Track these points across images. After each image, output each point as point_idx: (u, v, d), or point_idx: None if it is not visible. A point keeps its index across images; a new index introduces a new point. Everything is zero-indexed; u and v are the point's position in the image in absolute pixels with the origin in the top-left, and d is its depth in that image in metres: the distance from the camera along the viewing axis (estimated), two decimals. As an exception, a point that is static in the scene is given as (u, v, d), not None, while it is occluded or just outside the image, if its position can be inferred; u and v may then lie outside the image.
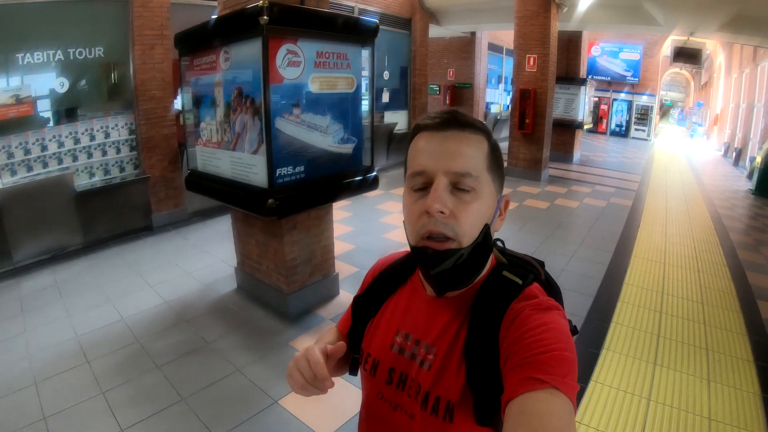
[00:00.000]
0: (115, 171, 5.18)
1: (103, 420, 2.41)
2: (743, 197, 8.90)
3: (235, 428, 2.36)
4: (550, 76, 8.78)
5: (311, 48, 2.86)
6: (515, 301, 0.72)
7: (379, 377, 0.82)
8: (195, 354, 3.03)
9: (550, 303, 0.71)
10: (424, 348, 0.77)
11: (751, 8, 7.15)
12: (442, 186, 0.69)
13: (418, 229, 0.71)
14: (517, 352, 0.64)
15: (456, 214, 0.69)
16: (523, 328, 0.66)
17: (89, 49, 4.67)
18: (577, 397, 0.61)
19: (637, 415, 2.53)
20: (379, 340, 0.85)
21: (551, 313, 0.69)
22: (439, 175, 0.70)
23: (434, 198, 0.68)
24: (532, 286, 0.75)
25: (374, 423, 0.84)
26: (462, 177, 0.70)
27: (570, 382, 0.60)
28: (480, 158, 0.72)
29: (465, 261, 0.72)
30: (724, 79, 17.57)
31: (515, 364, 0.63)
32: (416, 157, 0.74)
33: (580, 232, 5.98)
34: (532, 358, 0.62)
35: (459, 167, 0.70)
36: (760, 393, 2.75)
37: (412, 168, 0.74)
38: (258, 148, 2.82)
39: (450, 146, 0.71)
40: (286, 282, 3.39)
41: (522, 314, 0.69)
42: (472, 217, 0.70)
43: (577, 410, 0.71)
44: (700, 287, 4.30)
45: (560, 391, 0.58)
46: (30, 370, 2.82)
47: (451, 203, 0.69)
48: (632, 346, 3.22)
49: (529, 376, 0.60)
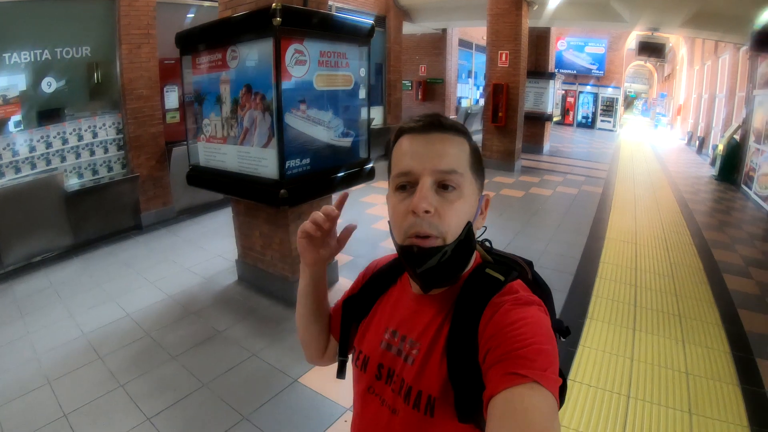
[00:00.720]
0: (103, 171, 5.18)
1: (127, 411, 2.46)
2: (707, 182, 9.46)
3: (262, 407, 2.50)
4: (522, 71, 9.10)
5: (315, 48, 3.04)
6: (496, 296, 0.73)
7: (369, 372, 0.84)
8: (208, 343, 3.14)
9: (530, 298, 0.72)
10: (409, 343, 0.79)
11: (713, 5, 7.59)
12: (427, 186, 0.71)
13: (406, 229, 0.73)
14: (497, 347, 0.65)
15: (440, 212, 0.71)
16: (503, 323, 0.67)
17: (76, 48, 4.65)
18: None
19: (623, 372, 2.83)
20: (370, 337, 0.87)
21: (531, 308, 0.70)
22: (424, 175, 0.72)
23: (420, 197, 0.70)
24: (513, 283, 0.76)
25: (365, 417, 0.86)
26: (447, 174, 0.72)
27: (551, 375, 0.61)
28: (463, 158, 0.75)
29: (449, 258, 0.73)
30: (687, 71, 18.24)
31: (495, 360, 0.64)
32: (401, 158, 0.76)
33: (556, 217, 6.32)
34: (511, 353, 0.63)
35: (445, 165, 0.72)
36: (729, 351, 3.12)
37: (397, 169, 0.76)
38: (268, 142, 2.97)
39: (434, 147, 0.74)
40: (291, 270, 3.55)
41: (501, 309, 0.70)
42: (456, 215, 0.73)
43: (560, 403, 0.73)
44: (670, 264, 4.67)
45: (541, 385, 0.59)
46: (40, 370, 2.83)
47: (436, 202, 0.71)
48: (613, 315, 3.54)
49: (509, 372, 0.60)
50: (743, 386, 2.73)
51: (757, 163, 8.03)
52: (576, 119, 20.50)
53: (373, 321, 0.88)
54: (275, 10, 2.64)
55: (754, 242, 5.66)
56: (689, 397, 2.61)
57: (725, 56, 11.95)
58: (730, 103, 11.19)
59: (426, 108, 13.95)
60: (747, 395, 2.65)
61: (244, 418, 2.41)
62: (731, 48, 10.87)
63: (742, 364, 2.97)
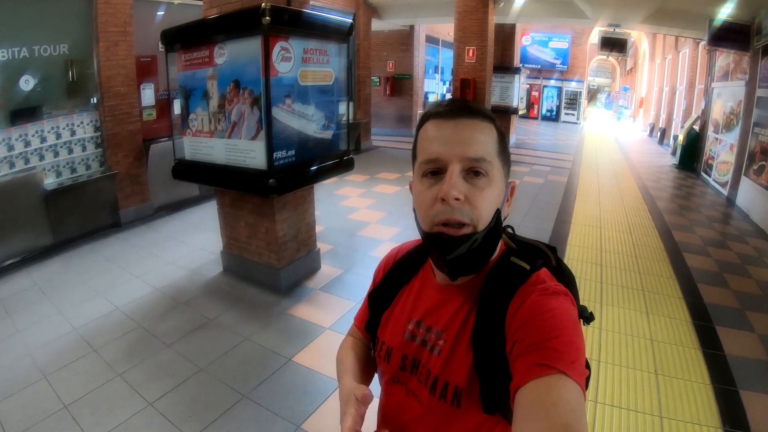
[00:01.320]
0: (81, 169, 5.15)
1: (128, 398, 2.52)
2: (668, 171, 9.98)
3: (260, 385, 2.63)
4: (488, 66, 9.41)
5: (299, 45, 3.19)
6: (522, 287, 0.72)
7: (392, 363, 0.84)
8: (201, 330, 3.24)
9: (557, 288, 0.71)
10: (434, 334, 0.79)
11: (672, 3, 8.01)
12: (456, 173, 0.70)
13: (433, 216, 0.72)
14: (525, 338, 0.64)
15: (471, 200, 0.70)
16: (530, 314, 0.67)
17: (54, 46, 4.61)
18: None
19: (592, 341, 3.09)
20: (392, 328, 0.86)
21: (558, 299, 0.69)
22: (453, 162, 0.71)
23: (450, 185, 0.69)
24: (540, 272, 0.75)
25: (390, 406, 0.85)
26: (477, 162, 0.71)
27: (578, 367, 0.61)
28: (491, 144, 0.74)
29: (479, 246, 0.72)
30: (648, 65, 18.93)
31: (523, 351, 0.63)
32: (428, 144, 0.74)
33: (524, 205, 6.59)
34: (539, 345, 0.62)
35: (474, 153, 0.71)
36: (690, 320, 3.43)
37: (424, 155, 0.74)
38: (256, 135, 3.10)
39: (463, 133, 0.72)
40: (277, 258, 3.68)
41: (529, 299, 0.69)
42: (486, 202, 0.72)
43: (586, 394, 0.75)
44: (633, 245, 5.01)
45: (569, 377, 0.59)
46: (35, 365, 2.83)
47: (466, 189, 0.70)
48: (581, 292, 3.80)
49: (537, 362, 0.60)
50: (704, 350, 3.04)
51: (716, 151, 8.54)
52: (541, 112, 21.10)
53: (395, 311, 0.88)
54: (265, 10, 2.77)
55: (713, 224, 6.09)
56: (655, 361, 2.89)
57: (685, 50, 12.49)
58: (689, 95, 11.75)
59: (393, 103, 14.18)
60: (708, 358, 2.95)
61: (244, 396, 2.54)
62: (691, 42, 11.39)
63: (702, 331, 3.28)
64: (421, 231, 0.76)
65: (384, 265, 0.97)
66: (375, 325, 0.91)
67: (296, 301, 3.63)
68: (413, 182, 0.79)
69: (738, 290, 4.02)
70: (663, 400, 2.52)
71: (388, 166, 8.93)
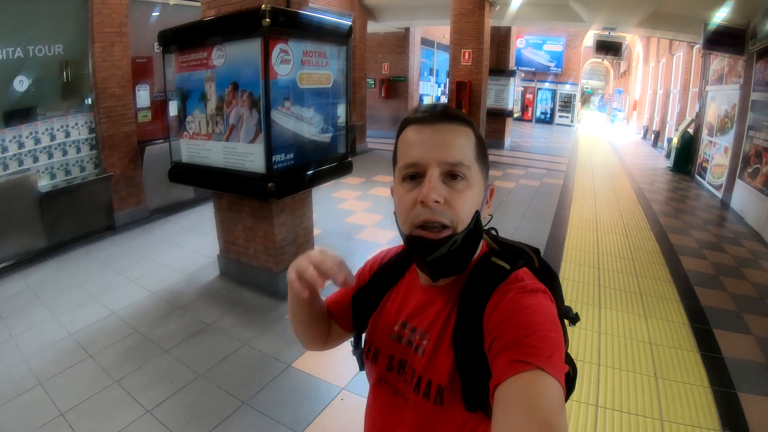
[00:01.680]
0: (75, 171, 5.09)
1: (125, 405, 2.47)
2: (662, 174, 10.04)
3: (260, 392, 2.60)
4: (484, 69, 9.42)
5: (299, 47, 3.17)
6: (501, 285, 0.73)
7: (380, 364, 0.86)
8: (199, 335, 3.20)
9: (535, 286, 0.73)
10: (419, 335, 0.80)
11: (667, 7, 8.06)
12: (435, 176, 0.72)
13: (413, 218, 0.73)
14: (503, 336, 0.65)
15: (450, 202, 0.72)
16: (508, 311, 0.68)
17: (49, 46, 4.56)
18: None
19: (593, 344, 3.10)
20: (380, 330, 0.88)
21: (536, 296, 0.70)
22: (432, 166, 0.72)
23: (430, 188, 0.71)
24: (519, 271, 0.76)
25: (378, 407, 0.88)
26: (455, 166, 0.73)
27: (556, 362, 0.61)
28: (470, 148, 0.75)
29: (459, 247, 0.74)
30: (642, 68, 19.08)
31: (501, 348, 0.64)
32: (407, 149, 0.76)
33: (520, 208, 6.61)
34: (517, 341, 0.63)
35: (452, 157, 0.73)
36: (688, 323, 3.45)
37: (404, 159, 0.76)
38: (255, 138, 3.07)
39: (442, 138, 0.74)
40: (275, 262, 3.65)
41: (507, 297, 0.70)
42: (465, 204, 0.73)
43: (571, 390, 0.81)
44: (629, 248, 5.02)
45: (547, 372, 0.59)
46: (30, 371, 2.78)
47: (445, 192, 0.72)
48: (579, 295, 3.82)
49: (515, 359, 0.61)
50: (702, 353, 3.05)
51: (710, 154, 8.60)
52: (535, 115, 21.17)
53: (383, 314, 0.89)
54: (265, 11, 2.75)
55: (708, 227, 6.13)
56: (654, 364, 2.90)
57: (679, 54, 12.59)
58: (683, 98, 11.85)
59: (389, 105, 14.20)
60: (706, 360, 2.97)
61: (244, 403, 2.51)
62: (685, 46, 11.49)
63: (700, 334, 3.30)
64: (402, 234, 0.78)
65: (370, 267, 0.98)
66: (363, 326, 0.92)
67: (295, 306, 3.59)
68: (394, 186, 0.80)
69: (734, 293, 4.04)
70: (663, 403, 2.53)
71: (384, 169, 8.89)
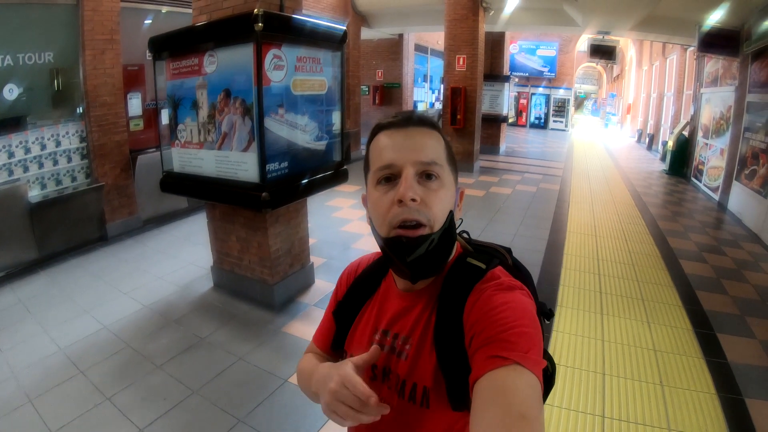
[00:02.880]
0: (66, 181, 5.01)
1: (117, 424, 2.40)
2: (658, 177, 10.04)
3: (256, 409, 2.52)
4: (479, 75, 9.36)
5: (293, 53, 3.10)
6: (478, 284, 0.75)
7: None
8: (193, 350, 3.11)
9: (512, 283, 0.75)
10: (401, 340, 0.81)
11: (661, 10, 8.05)
12: (411, 176, 0.74)
13: (390, 219, 0.74)
14: (481, 332, 0.67)
15: (426, 201, 0.74)
16: (486, 308, 0.69)
17: (39, 54, 4.49)
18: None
19: (596, 352, 3.04)
20: (360, 340, 0.88)
21: (513, 293, 0.72)
22: (407, 167, 0.74)
23: (406, 187, 0.72)
24: (495, 269, 0.78)
25: None
26: (429, 166, 0.75)
27: (533, 356, 0.63)
28: (440, 150, 0.78)
29: (436, 246, 0.75)
30: (636, 72, 19.11)
31: (480, 344, 0.66)
32: (381, 152, 0.77)
33: (518, 214, 6.56)
34: (495, 337, 0.64)
35: (426, 157, 0.75)
36: (691, 328, 3.40)
37: (378, 163, 0.77)
38: (248, 146, 3.00)
39: (414, 140, 0.76)
40: (270, 273, 3.57)
41: (484, 294, 0.72)
42: (440, 203, 0.75)
43: (551, 385, 0.82)
44: (629, 252, 4.98)
45: (523, 367, 0.60)
46: (19, 388, 2.71)
47: (421, 191, 0.74)
48: (581, 302, 3.76)
49: (492, 355, 0.62)
50: (707, 359, 3.00)
51: (706, 156, 8.60)
52: (529, 120, 21.16)
53: (361, 324, 0.90)
54: (257, 16, 2.69)
55: (706, 230, 6.10)
56: (660, 371, 2.84)
57: (673, 57, 12.63)
58: (678, 101, 11.87)
59: (383, 112, 14.16)
60: (711, 366, 2.92)
61: (240, 420, 2.43)
62: (679, 49, 11.53)
63: (704, 339, 3.25)
64: (379, 238, 0.78)
65: (346, 280, 0.98)
66: (342, 341, 0.92)
67: (291, 318, 3.52)
68: (367, 193, 0.81)
69: (736, 296, 4.00)
70: (670, 412, 2.47)
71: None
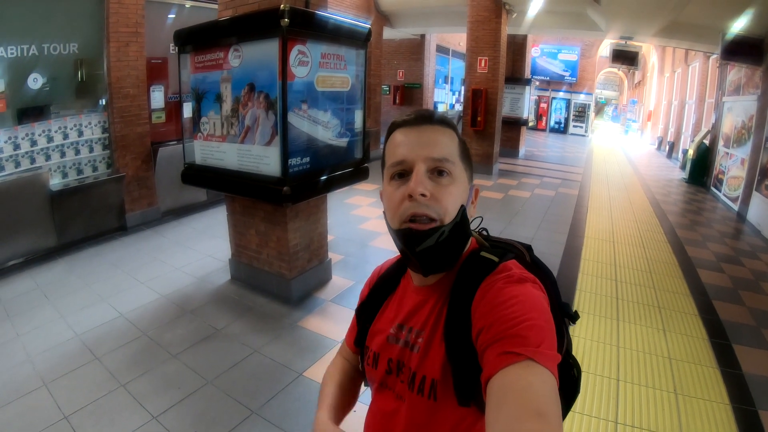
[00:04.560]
0: (88, 170, 5.08)
1: (131, 410, 2.43)
2: (677, 185, 9.91)
3: (270, 401, 2.53)
4: (500, 77, 9.32)
5: (317, 49, 3.13)
6: (489, 276, 0.75)
7: (380, 369, 0.86)
8: (209, 341, 3.14)
9: (523, 275, 0.74)
10: (414, 334, 0.82)
11: (685, 16, 7.96)
12: (422, 172, 0.76)
13: (401, 213, 0.76)
14: (491, 327, 0.66)
15: (436, 195, 0.75)
16: (495, 302, 0.69)
17: (64, 44, 4.56)
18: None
19: (611, 358, 3.01)
20: (378, 335, 0.90)
21: (524, 285, 0.71)
22: (418, 163, 0.76)
23: (416, 182, 0.75)
24: (508, 262, 0.78)
25: (379, 411, 0.88)
26: (440, 162, 0.77)
27: (545, 351, 0.61)
28: (453, 147, 0.80)
29: (446, 238, 0.76)
30: (657, 78, 18.89)
31: (490, 340, 0.65)
32: (395, 149, 0.80)
33: (536, 217, 6.52)
34: (505, 332, 0.63)
35: (437, 153, 0.77)
36: (707, 338, 3.35)
37: (392, 159, 0.80)
38: (271, 140, 3.03)
39: (426, 137, 0.79)
40: (288, 268, 3.60)
41: (494, 287, 0.71)
42: (451, 198, 0.76)
43: (575, 379, 0.83)
44: (647, 260, 4.91)
45: (536, 362, 0.59)
46: (35, 372, 2.75)
47: (431, 187, 0.75)
48: (597, 308, 3.72)
49: (504, 351, 0.61)
50: (722, 369, 2.96)
51: (726, 166, 8.46)
52: (549, 124, 21.04)
53: (381, 320, 0.91)
54: (284, 11, 2.72)
55: (725, 240, 6.00)
56: (674, 380, 2.80)
57: (695, 64, 12.44)
58: (699, 109, 11.68)
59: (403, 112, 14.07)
60: (726, 377, 2.88)
61: (253, 412, 2.45)
62: (701, 56, 11.35)
63: (719, 349, 3.20)
64: (392, 230, 0.80)
65: (369, 283, 1.01)
66: (364, 338, 0.94)
67: (307, 313, 3.54)
68: (383, 187, 0.83)
69: (753, 307, 3.93)
70: (683, 421, 2.44)
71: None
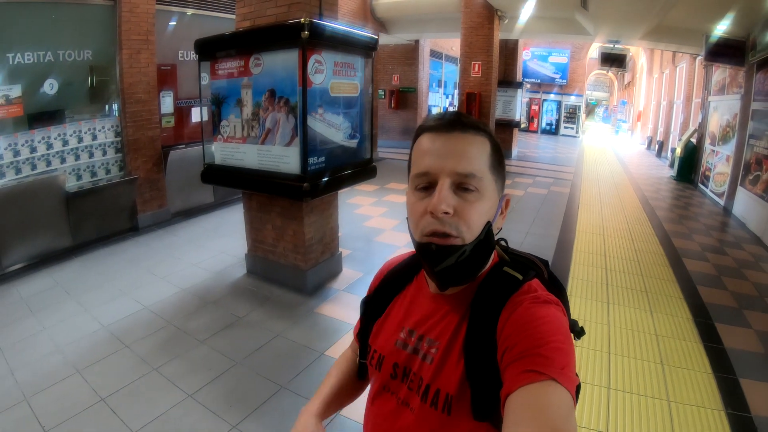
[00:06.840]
0: (101, 173, 5.28)
1: (166, 390, 2.60)
2: (666, 182, 10.26)
3: (297, 377, 2.77)
4: (493, 81, 9.63)
5: (331, 58, 3.43)
6: (514, 295, 0.73)
7: (384, 372, 0.84)
8: (232, 327, 3.36)
9: (548, 297, 0.73)
10: (427, 342, 0.79)
11: (669, 20, 8.28)
12: (446, 187, 0.71)
13: (422, 228, 0.73)
14: (515, 346, 0.65)
15: (460, 213, 0.71)
16: (521, 322, 0.68)
17: (78, 51, 4.77)
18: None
19: (602, 335, 3.31)
20: (385, 336, 0.87)
21: (549, 307, 0.70)
22: (443, 177, 0.71)
23: (439, 199, 0.70)
24: (532, 282, 0.76)
25: (379, 415, 0.86)
26: (466, 178, 0.72)
27: (568, 373, 0.61)
28: (483, 159, 0.74)
29: (467, 257, 0.73)
30: (646, 79, 19.29)
31: (514, 358, 0.64)
32: (420, 157, 0.75)
33: (530, 214, 6.81)
34: (529, 352, 0.63)
35: (463, 168, 0.71)
36: (691, 317, 3.65)
37: (417, 168, 0.75)
38: (291, 141, 3.30)
39: (454, 147, 0.73)
40: (303, 260, 3.84)
41: (520, 308, 0.70)
42: (475, 215, 0.72)
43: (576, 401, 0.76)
44: (635, 251, 5.21)
45: (559, 383, 0.59)
46: (65, 361, 2.87)
47: (455, 202, 0.71)
48: (589, 292, 4.03)
49: (527, 369, 0.61)
50: (705, 344, 3.25)
51: (713, 163, 8.81)
52: (540, 126, 21.40)
53: (388, 320, 0.89)
54: (304, 25, 3.00)
55: (711, 232, 6.32)
56: (660, 353, 3.09)
57: (682, 65, 12.82)
58: (686, 109, 12.05)
59: (398, 116, 14.44)
60: (709, 350, 3.16)
61: (282, 387, 2.68)
62: (688, 57, 11.71)
63: (703, 327, 3.50)
64: (414, 240, 0.78)
65: (379, 276, 0.99)
66: (367, 333, 0.92)
67: (322, 301, 3.78)
68: (407, 193, 0.80)
69: (735, 291, 4.22)
70: (669, 387, 2.71)
71: (396, 177, 9.09)
